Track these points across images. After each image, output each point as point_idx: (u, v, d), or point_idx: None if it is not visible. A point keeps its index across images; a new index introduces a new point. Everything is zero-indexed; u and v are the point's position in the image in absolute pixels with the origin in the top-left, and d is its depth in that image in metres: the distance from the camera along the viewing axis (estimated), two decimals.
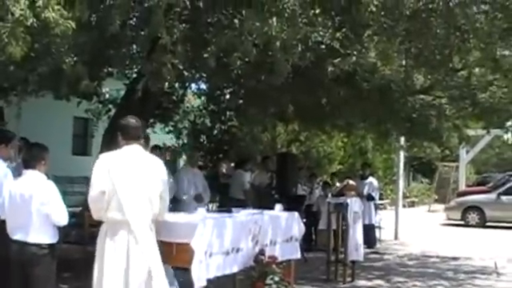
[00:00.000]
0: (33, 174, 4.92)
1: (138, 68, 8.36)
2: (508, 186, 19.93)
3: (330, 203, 9.00)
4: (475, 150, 24.05)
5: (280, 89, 7.94)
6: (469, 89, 9.20)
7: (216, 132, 15.29)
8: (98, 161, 4.73)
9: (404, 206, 20.54)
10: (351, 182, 9.90)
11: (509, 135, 11.20)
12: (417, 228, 17.11)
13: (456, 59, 7.92)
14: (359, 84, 8.33)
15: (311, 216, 11.96)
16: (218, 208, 11.35)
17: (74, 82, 6.02)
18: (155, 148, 9.81)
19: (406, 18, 6.47)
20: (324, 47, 7.33)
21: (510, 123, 10.60)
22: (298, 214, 7.05)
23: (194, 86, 12.97)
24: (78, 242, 7.77)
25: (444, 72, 8.40)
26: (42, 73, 6.13)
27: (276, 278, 5.70)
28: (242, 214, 6.38)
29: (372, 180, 13.33)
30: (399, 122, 10.04)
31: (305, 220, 12.38)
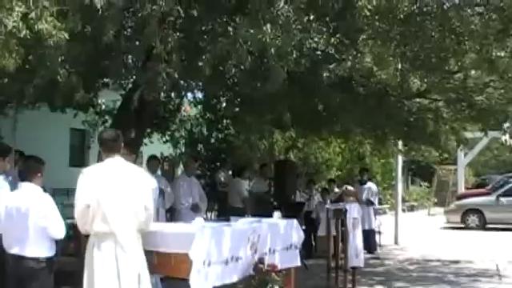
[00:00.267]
0: (29, 187, 4.89)
1: (133, 78, 8.33)
2: (507, 187, 19.90)
3: (328, 209, 8.94)
4: (473, 152, 24.08)
5: (276, 96, 7.90)
6: (465, 91, 9.17)
7: (213, 140, 15.27)
8: (80, 175, 4.79)
9: (403, 211, 20.51)
10: (349, 187, 9.86)
11: (506, 137, 11.11)
12: (417, 232, 17.07)
13: (452, 62, 7.90)
14: (355, 89, 8.30)
15: (310, 223, 11.92)
16: (217, 217, 11.32)
17: (68, 94, 5.98)
18: (152, 158, 9.80)
19: (400, 21, 6.47)
20: (319, 53, 7.34)
21: (507, 125, 10.57)
22: (296, 222, 7.00)
23: (190, 94, 12.98)
24: (76, 254, 7.72)
25: (440, 75, 8.38)
26: (37, 85, 6.11)
27: (276, 287, 5.65)
28: (240, 223, 6.33)
29: (371, 185, 13.30)
30: (396, 126, 10.02)
31: (304, 227, 12.36)
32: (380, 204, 20.37)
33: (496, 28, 6.73)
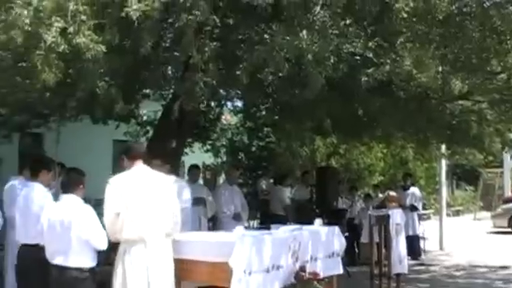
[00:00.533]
0: (70, 199, 4.97)
1: (172, 89, 8.41)
2: None
3: (371, 216, 8.82)
4: None
5: (315, 102, 7.86)
6: (509, 91, 8.94)
7: (254, 149, 15.29)
8: (108, 185, 4.92)
9: (448, 215, 20.14)
10: (392, 193, 9.71)
11: None
12: (462, 237, 16.72)
13: (494, 62, 7.71)
14: (395, 93, 8.18)
15: (353, 229, 11.81)
16: (259, 225, 11.30)
17: (108, 106, 6.07)
18: (193, 167, 9.87)
19: (439, 22, 6.35)
20: (358, 58, 7.26)
21: None
22: (338, 229, 6.92)
23: (230, 103, 13.04)
24: None
25: (482, 76, 8.19)
26: (78, 98, 6.22)
27: None
28: (281, 231, 6.29)
29: (414, 190, 13.12)
30: (438, 130, 9.81)
31: (347, 234, 12.25)
32: (424, 209, 20.04)
33: None
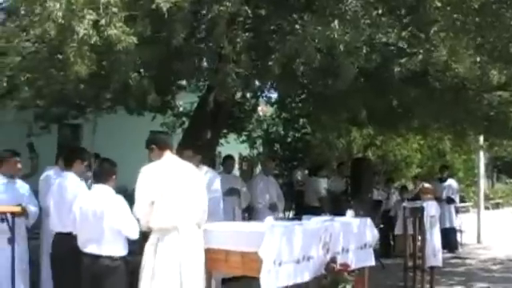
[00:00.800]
0: (103, 189, 5.06)
1: (206, 80, 8.45)
2: None
3: (405, 208, 8.74)
4: None
5: (349, 93, 7.81)
6: None
7: (290, 140, 15.27)
8: (140, 174, 4.99)
9: (488, 208, 19.81)
10: (426, 184, 9.59)
11: None
12: (501, 231, 16.35)
13: None
14: (431, 84, 8.06)
15: (389, 221, 11.72)
16: (294, 215, 11.31)
17: (141, 97, 6.13)
18: (228, 158, 9.93)
19: (475, 11, 6.22)
20: (391, 48, 7.18)
21: None
22: (370, 220, 6.86)
23: (265, 94, 13.02)
24: None
25: None
26: (113, 89, 6.30)
27: (348, 287, 5.56)
28: (312, 222, 6.28)
29: (451, 182, 12.96)
30: (476, 121, 9.63)
31: (382, 226, 12.17)
32: (463, 202, 19.76)
33: None
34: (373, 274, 8.18)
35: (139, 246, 5.86)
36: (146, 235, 5.11)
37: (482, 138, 12.72)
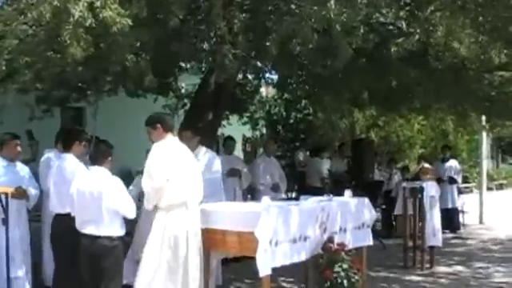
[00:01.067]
0: (99, 171, 5.09)
1: (204, 61, 8.44)
2: None
3: (405, 188, 8.77)
4: None
5: (348, 73, 7.81)
6: None
7: (292, 121, 15.28)
8: (155, 152, 5.03)
9: (491, 189, 19.78)
10: (426, 165, 9.59)
11: None
12: (504, 211, 16.30)
13: None
14: (430, 64, 8.03)
15: (390, 202, 11.74)
16: (296, 196, 11.35)
17: (137, 79, 6.15)
18: (229, 139, 9.97)
19: None
20: (391, 27, 7.14)
21: None
22: (368, 200, 6.88)
23: (267, 75, 12.99)
24: None
25: None
26: (110, 71, 6.32)
27: (344, 266, 5.60)
28: (309, 202, 6.32)
29: (453, 162, 12.95)
30: (476, 102, 9.60)
31: (384, 206, 12.21)
32: (466, 182, 19.74)
33: None
34: (374, 254, 8.26)
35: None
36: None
37: (484, 119, 12.67)
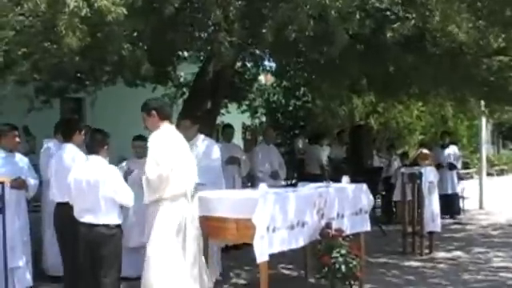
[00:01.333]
0: (96, 160, 5.12)
1: (201, 50, 8.44)
2: None
3: (403, 173, 8.79)
4: None
5: (346, 60, 7.80)
6: None
7: (291, 108, 15.28)
8: (155, 141, 4.98)
9: (492, 175, 19.79)
10: (425, 150, 9.59)
11: None
12: (505, 197, 16.34)
13: None
14: (428, 49, 8.02)
15: (390, 188, 11.77)
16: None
17: (134, 68, 6.16)
18: (227, 127, 10.00)
19: None
20: (387, 13, 7.13)
21: None
22: (366, 186, 6.90)
23: (266, 63, 12.98)
24: None
25: None
26: (107, 61, 6.33)
27: (342, 251, 5.63)
28: (306, 188, 6.34)
29: (453, 148, 12.96)
30: (475, 87, 9.59)
31: (384, 193, 12.24)
32: (467, 168, 19.77)
33: None
34: (373, 240, 8.31)
35: None
36: None
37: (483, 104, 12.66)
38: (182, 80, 13.26)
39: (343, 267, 5.61)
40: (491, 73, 9.42)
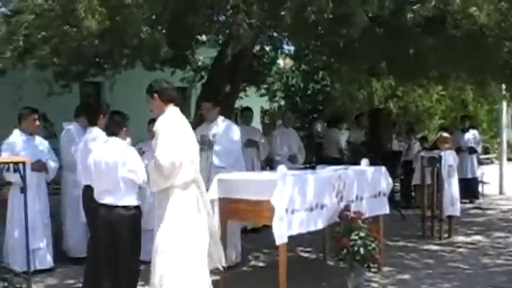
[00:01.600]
0: (115, 141, 5.15)
1: (220, 33, 8.43)
2: None
3: (423, 157, 8.73)
4: None
5: (365, 42, 7.74)
6: None
7: (310, 92, 15.22)
8: (164, 126, 4.67)
9: None
10: (445, 134, 9.52)
11: None
12: None
13: None
14: (448, 31, 7.92)
15: (410, 172, 11.70)
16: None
17: (153, 51, 6.16)
18: (246, 110, 10.02)
19: None
20: None
21: None
22: (385, 169, 6.86)
23: (285, 47, 12.93)
24: None
25: None
26: (126, 44, 6.35)
27: (361, 234, 5.62)
28: (325, 170, 6.33)
29: (473, 132, 12.86)
30: (496, 70, 9.46)
31: (403, 177, 12.18)
32: (487, 153, 19.57)
33: None
34: (392, 224, 8.29)
35: None
36: None
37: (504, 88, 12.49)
38: (200, 64, 13.25)
39: (362, 249, 5.60)
40: None
